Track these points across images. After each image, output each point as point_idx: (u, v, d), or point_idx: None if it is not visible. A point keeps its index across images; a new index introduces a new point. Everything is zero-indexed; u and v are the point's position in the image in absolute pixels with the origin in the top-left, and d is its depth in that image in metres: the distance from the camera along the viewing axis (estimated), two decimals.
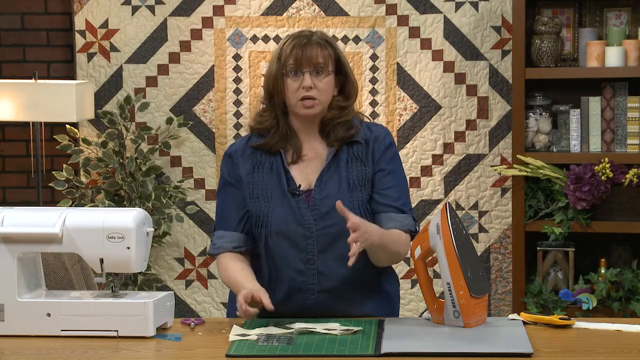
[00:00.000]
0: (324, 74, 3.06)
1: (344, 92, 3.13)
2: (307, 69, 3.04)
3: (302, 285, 3.07)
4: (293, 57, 3.04)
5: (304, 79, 3.04)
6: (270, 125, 3.11)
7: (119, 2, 5.16)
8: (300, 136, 3.12)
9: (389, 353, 2.66)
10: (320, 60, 3.05)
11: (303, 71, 3.04)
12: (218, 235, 3.14)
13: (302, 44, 3.06)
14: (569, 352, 2.72)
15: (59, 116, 4.85)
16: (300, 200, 3.06)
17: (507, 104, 5.04)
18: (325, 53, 3.07)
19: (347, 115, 3.11)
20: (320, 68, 3.05)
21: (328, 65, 3.06)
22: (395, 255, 3.08)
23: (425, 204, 5.12)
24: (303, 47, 3.05)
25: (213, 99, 5.17)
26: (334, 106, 3.10)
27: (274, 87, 3.09)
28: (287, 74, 3.05)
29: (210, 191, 5.20)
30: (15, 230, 2.89)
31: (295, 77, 3.05)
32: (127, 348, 2.77)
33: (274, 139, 3.10)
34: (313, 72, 3.05)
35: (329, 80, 3.07)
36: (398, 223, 3.08)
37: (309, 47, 3.05)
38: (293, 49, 3.05)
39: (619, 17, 4.86)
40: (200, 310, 5.24)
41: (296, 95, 3.05)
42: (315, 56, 3.05)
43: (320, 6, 5.09)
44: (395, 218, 3.08)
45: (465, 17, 5.05)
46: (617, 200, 4.67)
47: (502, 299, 5.13)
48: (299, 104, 3.06)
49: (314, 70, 3.05)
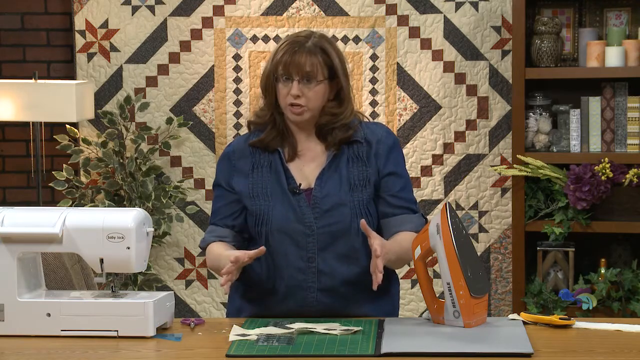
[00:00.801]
0: (313, 83, 3.05)
1: (339, 96, 3.11)
2: (296, 77, 3.03)
3: (302, 283, 3.07)
4: (283, 63, 3.03)
5: (292, 86, 3.04)
6: (268, 121, 3.12)
7: (119, 2, 5.16)
8: (297, 136, 3.12)
9: (389, 353, 2.66)
10: (308, 69, 3.02)
11: (292, 78, 3.04)
12: (209, 229, 3.18)
13: (292, 51, 3.03)
14: (569, 352, 2.72)
15: (59, 116, 4.85)
16: (300, 199, 3.07)
17: (507, 104, 5.04)
18: (314, 61, 3.03)
19: (342, 120, 3.10)
20: (310, 77, 3.04)
21: (317, 74, 3.04)
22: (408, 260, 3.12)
23: (425, 204, 5.12)
24: (293, 54, 3.02)
25: (213, 99, 5.17)
26: (326, 112, 3.09)
27: (266, 88, 3.09)
28: (278, 78, 3.05)
29: (210, 191, 5.20)
30: (15, 230, 2.89)
31: (285, 83, 3.04)
32: (127, 348, 2.77)
33: (271, 135, 3.11)
34: (303, 80, 3.04)
35: (319, 89, 3.05)
36: (413, 224, 3.11)
37: (299, 54, 3.02)
38: (284, 55, 3.03)
39: (619, 17, 4.87)
40: (200, 310, 5.24)
41: (285, 100, 3.05)
42: (304, 65, 3.02)
43: (320, 6, 5.09)
44: (410, 220, 3.11)
45: (465, 17, 5.05)
46: (617, 200, 4.67)
47: (502, 299, 5.13)
48: (288, 108, 3.06)
49: (303, 78, 3.04)
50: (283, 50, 3.04)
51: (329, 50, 3.07)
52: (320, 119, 3.09)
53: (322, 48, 3.06)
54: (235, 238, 3.14)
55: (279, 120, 3.11)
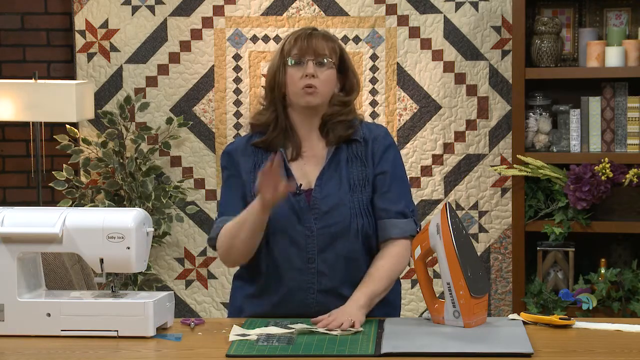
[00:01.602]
0: (326, 66, 3.07)
1: (346, 88, 3.14)
2: (310, 57, 3.06)
3: (302, 284, 3.07)
4: (297, 46, 3.07)
5: (306, 66, 3.05)
6: (270, 121, 3.12)
7: (119, 2, 5.16)
8: (299, 132, 3.12)
9: (389, 353, 2.66)
10: (324, 51, 3.07)
11: (306, 59, 3.06)
12: (220, 220, 3.12)
13: (306, 34, 3.09)
14: (569, 352, 2.72)
15: (59, 116, 4.85)
16: (300, 200, 3.07)
17: (507, 104, 5.04)
18: (329, 45, 3.09)
19: (347, 114, 3.11)
20: (323, 59, 3.06)
21: (332, 57, 3.08)
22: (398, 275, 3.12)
23: (425, 204, 5.12)
24: (308, 37, 3.08)
25: (213, 99, 5.17)
26: (335, 102, 3.11)
27: (274, 79, 3.10)
28: (290, 63, 3.06)
29: (210, 191, 5.20)
30: (15, 230, 2.89)
31: (298, 67, 3.07)
32: (127, 348, 2.77)
33: (274, 134, 3.11)
34: (316, 63, 3.06)
35: (331, 73, 3.09)
36: (399, 230, 3.09)
37: (314, 37, 3.08)
38: (297, 39, 3.08)
39: (619, 17, 4.87)
40: (200, 310, 5.24)
41: (298, 84, 3.06)
42: (320, 47, 3.07)
43: (320, 6, 5.09)
44: (396, 224, 3.10)
45: (465, 17, 5.05)
46: (617, 200, 4.67)
47: (502, 299, 5.13)
48: (300, 92, 3.06)
49: (316, 60, 3.06)
50: (295, 36, 3.09)
51: (336, 39, 3.15)
52: (328, 110, 3.10)
53: (330, 38, 3.12)
54: None
55: (282, 118, 3.11)
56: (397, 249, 3.08)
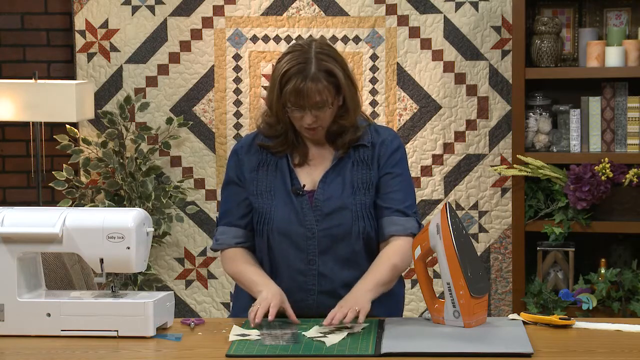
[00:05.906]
0: (325, 108, 3.03)
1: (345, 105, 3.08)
2: (308, 107, 3.01)
3: (303, 285, 3.08)
4: (293, 98, 3.00)
5: (305, 115, 3.02)
6: (279, 134, 3.11)
7: (119, 2, 5.16)
8: (307, 143, 3.12)
9: (389, 353, 2.66)
10: (318, 99, 3.00)
11: (305, 109, 3.02)
12: (221, 230, 3.15)
13: (298, 87, 2.98)
14: (569, 352, 2.72)
15: (59, 116, 4.85)
16: (303, 201, 3.07)
17: (507, 104, 5.04)
18: (321, 88, 2.99)
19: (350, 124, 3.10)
20: (320, 105, 3.02)
21: (327, 99, 3.01)
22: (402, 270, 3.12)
23: (425, 204, 5.12)
24: (299, 91, 2.98)
25: (213, 99, 5.17)
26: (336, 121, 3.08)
27: (276, 111, 3.06)
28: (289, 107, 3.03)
29: (210, 191, 5.20)
30: (15, 230, 2.89)
31: (297, 112, 3.02)
32: (127, 348, 2.77)
33: (283, 147, 3.11)
34: (314, 109, 3.02)
35: (330, 111, 3.05)
36: (400, 227, 3.09)
37: (306, 87, 2.98)
38: (293, 89, 2.98)
39: (619, 17, 4.87)
40: (200, 310, 5.24)
41: (300, 123, 3.05)
42: (314, 96, 2.99)
43: (320, 6, 5.09)
44: (397, 222, 3.09)
45: (465, 17, 5.05)
46: (617, 200, 4.67)
47: (502, 299, 5.13)
48: (303, 129, 3.06)
49: (314, 108, 3.01)
50: (291, 84, 2.99)
51: (332, 68, 3.03)
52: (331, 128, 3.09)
53: (325, 71, 3.01)
54: (249, 237, 3.14)
55: (291, 133, 3.10)
56: (400, 242, 3.08)
